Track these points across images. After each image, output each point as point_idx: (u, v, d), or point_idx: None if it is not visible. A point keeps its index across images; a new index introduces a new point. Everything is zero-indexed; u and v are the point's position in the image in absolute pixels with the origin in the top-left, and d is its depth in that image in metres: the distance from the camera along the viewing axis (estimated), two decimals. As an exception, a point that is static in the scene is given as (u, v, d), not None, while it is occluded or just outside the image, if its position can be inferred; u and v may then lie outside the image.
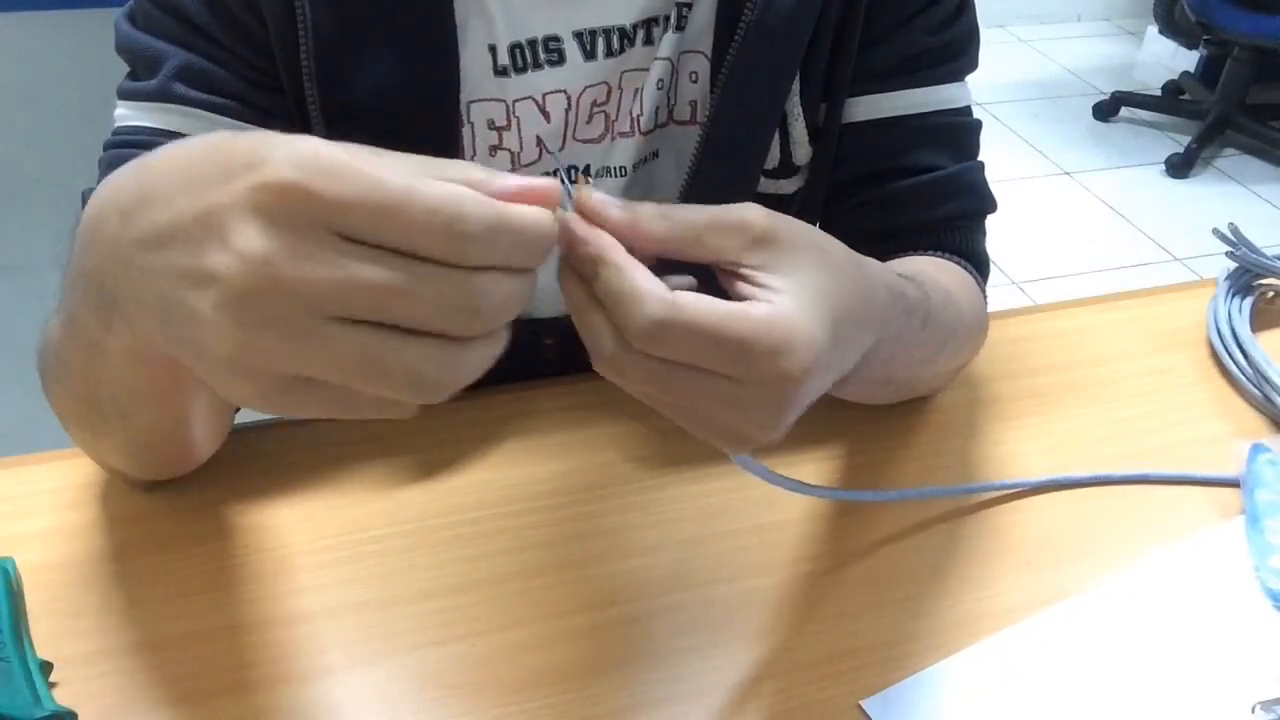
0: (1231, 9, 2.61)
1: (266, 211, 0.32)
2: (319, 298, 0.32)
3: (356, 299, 0.32)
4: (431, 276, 0.32)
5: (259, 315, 0.32)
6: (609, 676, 0.50)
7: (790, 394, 0.38)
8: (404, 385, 0.33)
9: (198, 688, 0.49)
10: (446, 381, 0.34)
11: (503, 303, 0.34)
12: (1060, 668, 0.51)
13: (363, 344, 0.32)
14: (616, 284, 0.36)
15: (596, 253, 0.37)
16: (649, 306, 0.36)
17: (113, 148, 0.57)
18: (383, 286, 0.32)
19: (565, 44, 0.60)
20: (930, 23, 0.64)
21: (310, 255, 0.32)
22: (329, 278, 0.32)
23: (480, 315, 0.33)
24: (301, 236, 0.32)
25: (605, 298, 0.37)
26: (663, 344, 0.36)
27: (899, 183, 0.65)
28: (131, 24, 0.58)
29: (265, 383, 0.34)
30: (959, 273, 0.65)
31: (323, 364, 0.33)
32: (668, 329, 0.36)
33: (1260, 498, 0.59)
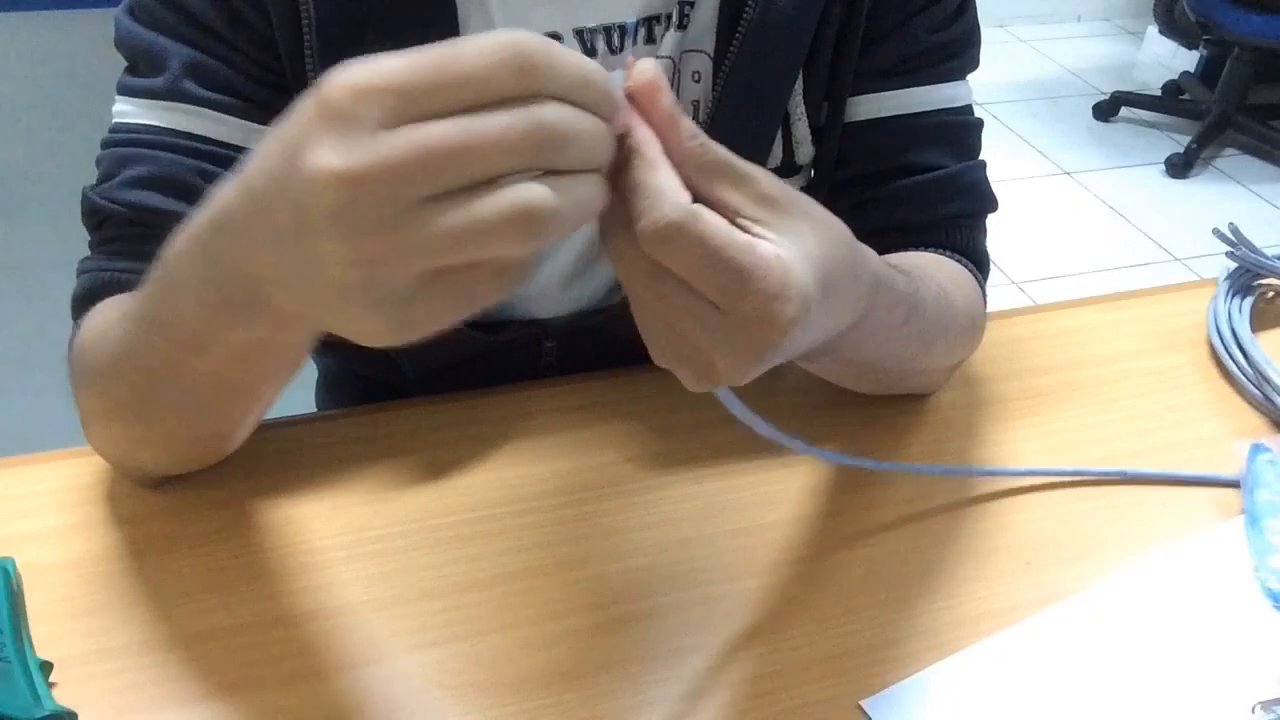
0: (1231, 9, 2.61)
1: (330, 121, 0.32)
2: (402, 180, 0.32)
3: (436, 166, 0.32)
4: (497, 116, 0.32)
5: (358, 222, 0.32)
6: (609, 676, 0.50)
7: (770, 341, 0.37)
8: (518, 225, 0.33)
9: (198, 687, 0.49)
10: (553, 209, 0.33)
11: (578, 133, 0.33)
12: (1060, 668, 0.51)
13: (463, 208, 0.32)
14: (643, 177, 0.36)
15: (633, 143, 0.36)
16: (666, 207, 0.35)
17: (114, 146, 0.57)
18: (452, 142, 0.32)
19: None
20: (932, 22, 0.64)
21: (382, 141, 0.32)
22: (403, 156, 0.32)
23: (556, 140, 0.33)
24: (368, 131, 0.32)
25: (628, 186, 0.36)
26: (668, 248, 0.36)
27: (900, 181, 0.65)
28: (132, 18, 0.58)
29: (387, 299, 0.34)
30: (955, 269, 0.65)
31: (435, 244, 0.33)
32: (678, 234, 0.35)
33: (1260, 498, 0.59)
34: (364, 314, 0.34)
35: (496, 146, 0.32)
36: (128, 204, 0.56)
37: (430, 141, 0.32)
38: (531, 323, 0.71)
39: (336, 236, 0.33)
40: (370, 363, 0.77)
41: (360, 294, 0.34)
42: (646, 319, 0.39)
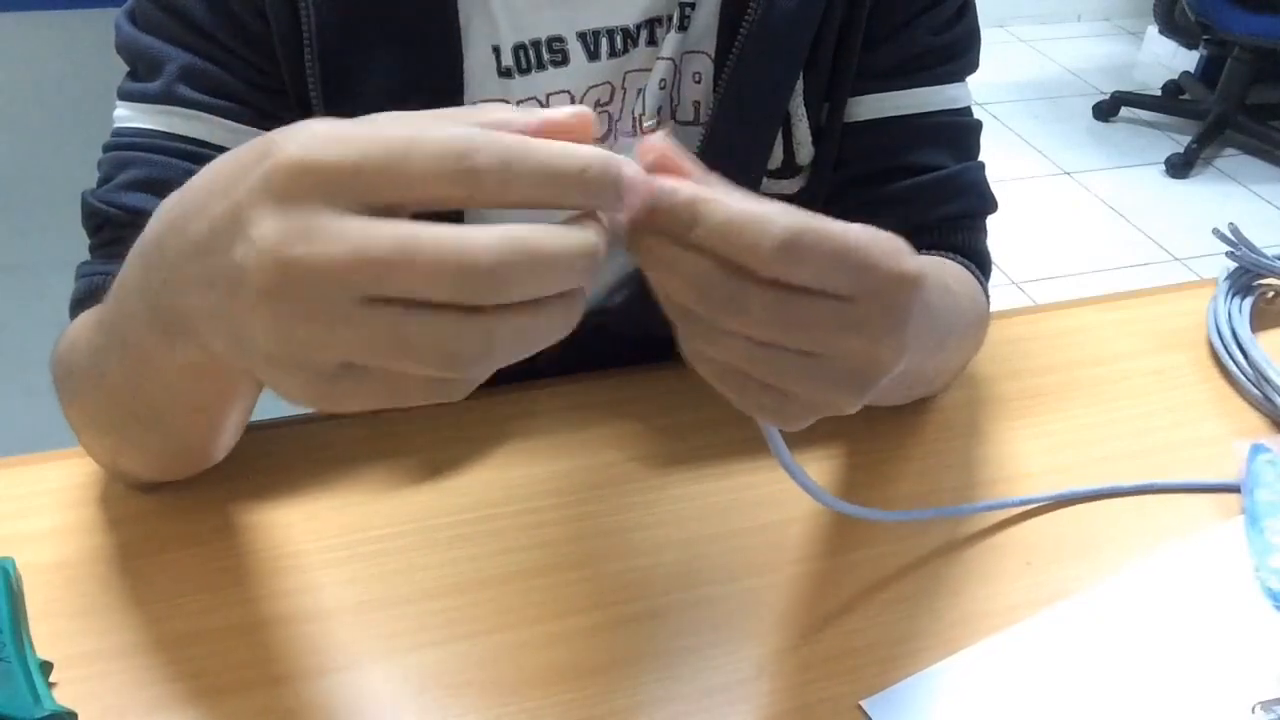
0: (1231, 9, 2.61)
1: (277, 195, 0.32)
2: (338, 275, 0.31)
3: (373, 270, 0.31)
4: (432, 233, 0.31)
5: (288, 304, 0.32)
6: (609, 676, 0.50)
7: (909, 299, 0.37)
8: (435, 361, 0.32)
9: (198, 687, 0.49)
10: (475, 355, 0.32)
11: (518, 263, 0.31)
12: (1060, 668, 0.51)
13: (391, 321, 0.31)
14: (731, 212, 0.34)
15: (690, 195, 0.34)
16: (779, 222, 0.34)
17: (114, 149, 0.57)
18: (391, 253, 0.31)
19: (569, 44, 0.60)
20: (933, 23, 0.64)
21: (324, 232, 0.31)
22: (342, 252, 0.31)
23: (491, 283, 0.31)
24: (314, 214, 0.31)
25: (718, 233, 0.34)
26: (798, 259, 0.34)
27: (900, 182, 0.65)
28: (132, 24, 0.58)
29: (312, 375, 0.33)
30: (958, 270, 0.65)
31: (357, 345, 0.32)
32: (802, 240, 0.34)
33: (1260, 498, 0.59)
34: (287, 382, 0.34)
35: (426, 275, 0.31)
36: (123, 207, 0.56)
37: (366, 249, 0.31)
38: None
39: (265, 315, 0.32)
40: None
41: (283, 364, 0.33)
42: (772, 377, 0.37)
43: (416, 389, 0.34)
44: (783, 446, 0.43)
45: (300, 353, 0.33)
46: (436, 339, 0.32)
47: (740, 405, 0.38)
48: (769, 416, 0.39)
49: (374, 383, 0.33)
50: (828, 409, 0.38)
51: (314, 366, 0.33)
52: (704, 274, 0.35)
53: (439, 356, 0.32)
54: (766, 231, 0.34)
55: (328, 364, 0.33)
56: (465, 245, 0.31)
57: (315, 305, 0.31)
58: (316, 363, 0.33)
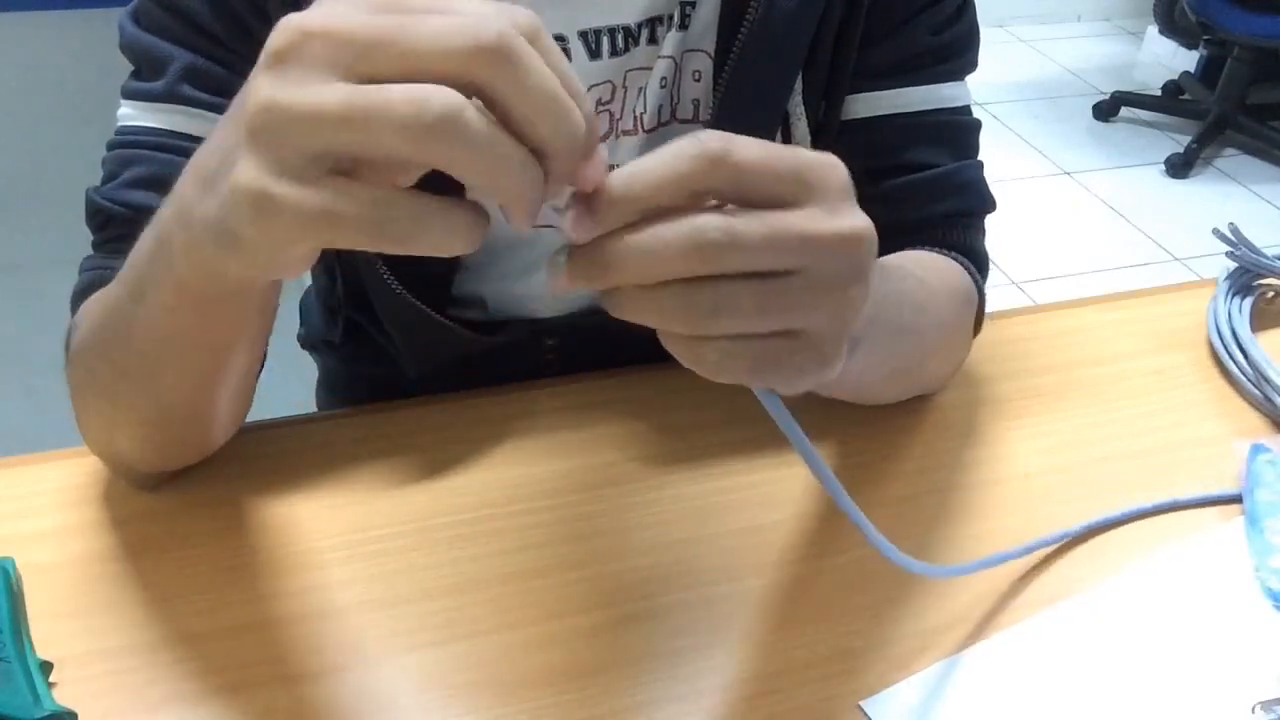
0: (1231, 9, 2.61)
1: (278, 57, 0.33)
2: (338, 41, 0.32)
3: (369, 43, 0.32)
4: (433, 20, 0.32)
5: (289, 63, 0.33)
6: (609, 676, 0.50)
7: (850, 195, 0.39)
8: (413, 121, 0.32)
9: (198, 687, 0.49)
10: (461, 123, 0.32)
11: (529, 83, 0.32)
12: (1060, 668, 0.51)
13: (372, 88, 0.32)
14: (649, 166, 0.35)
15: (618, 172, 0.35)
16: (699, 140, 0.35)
17: (118, 147, 0.58)
18: (391, 30, 0.32)
19: (570, 43, 0.60)
20: (932, 22, 0.64)
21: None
22: (347, 24, 0.32)
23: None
24: (307, 70, 0.32)
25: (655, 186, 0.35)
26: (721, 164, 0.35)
27: (896, 180, 0.65)
28: (136, 24, 0.58)
29: (274, 159, 0.33)
30: (934, 259, 0.64)
31: (334, 108, 0.32)
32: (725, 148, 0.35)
33: (1260, 498, 0.59)
34: (244, 167, 0.34)
35: (428, 41, 0.32)
36: (127, 204, 0.56)
37: (371, 21, 0.32)
38: (531, 322, 0.71)
39: (266, 73, 0.33)
40: (371, 362, 0.77)
41: (254, 139, 0.34)
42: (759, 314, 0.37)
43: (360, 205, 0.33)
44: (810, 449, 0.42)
45: (276, 125, 0.33)
46: (413, 95, 0.32)
47: (774, 374, 0.38)
48: (803, 371, 0.39)
49: (322, 187, 0.33)
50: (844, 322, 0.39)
51: (282, 150, 0.33)
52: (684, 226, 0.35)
53: (413, 117, 0.32)
54: (704, 149, 0.35)
55: (298, 149, 0.33)
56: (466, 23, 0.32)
57: (310, 67, 0.33)
58: (287, 144, 0.33)
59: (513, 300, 0.70)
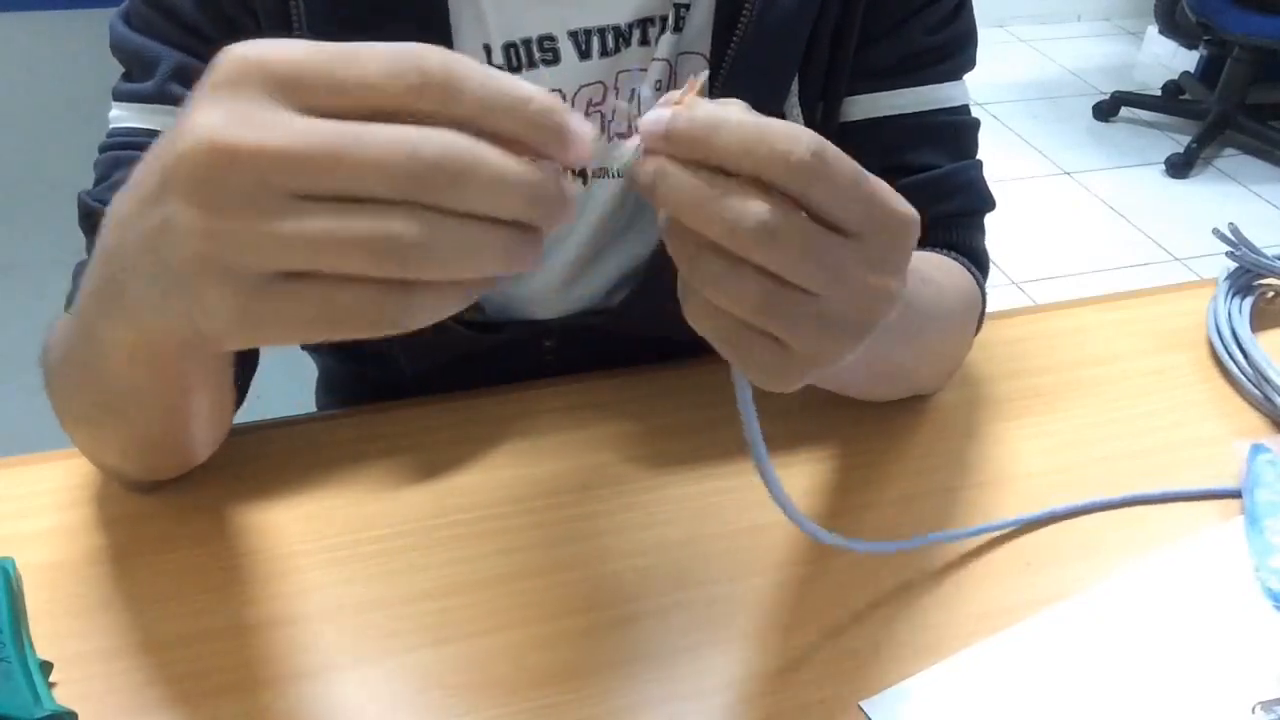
0: (1231, 9, 2.61)
1: (217, 90, 0.31)
2: (269, 168, 0.30)
3: (308, 166, 0.30)
4: (382, 129, 0.30)
5: (216, 193, 0.31)
6: (609, 676, 0.50)
7: (911, 238, 0.38)
8: (377, 253, 0.30)
9: (197, 688, 0.49)
10: (420, 247, 0.30)
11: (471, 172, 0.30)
12: (1060, 668, 0.51)
13: (329, 214, 0.30)
14: (762, 122, 0.34)
15: (712, 110, 0.35)
16: (808, 134, 0.34)
17: (109, 149, 0.58)
18: (329, 147, 0.30)
19: (560, 43, 0.60)
20: (928, 22, 0.64)
21: (261, 122, 0.30)
22: (278, 142, 0.30)
23: (438, 178, 0.30)
24: (254, 104, 0.30)
25: (750, 140, 0.34)
26: (822, 174, 0.34)
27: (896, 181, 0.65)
28: (126, 25, 0.58)
29: (240, 285, 0.32)
30: (941, 259, 0.65)
31: (288, 241, 0.30)
32: (828, 153, 0.34)
33: (1260, 498, 0.59)
34: (207, 294, 0.32)
35: (373, 165, 0.30)
36: None
37: (308, 138, 0.30)
38: (531, 323, 0.71)
39: (192, 202, 0.31)
40: (370, 362, 0.77)
41: (205, 269, 0.32)
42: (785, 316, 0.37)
43: (354, 304, 0.32)
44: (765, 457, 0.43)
45: (226, 251, 0.31)
46: (380, 226, 0.30)
47: (740, 362, 0.38)
48: (768, 374, 0.38)
49: (305, 297, 0.32)
50: (826, 358, 0.38)
51: (242, 272, 0.31)
52: (737, 198, 0.34)
53: (381, 247, 0.30)
54: (798, 139, 0.34)
55: (258, 270, 0.31)
56: (413, 137, 0.30)
57: (245, 195, 0.30)
58: (246, 267, 0.31)
59: (511, 301, 0.70)
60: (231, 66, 0.31)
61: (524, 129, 0.32)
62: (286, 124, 0.30)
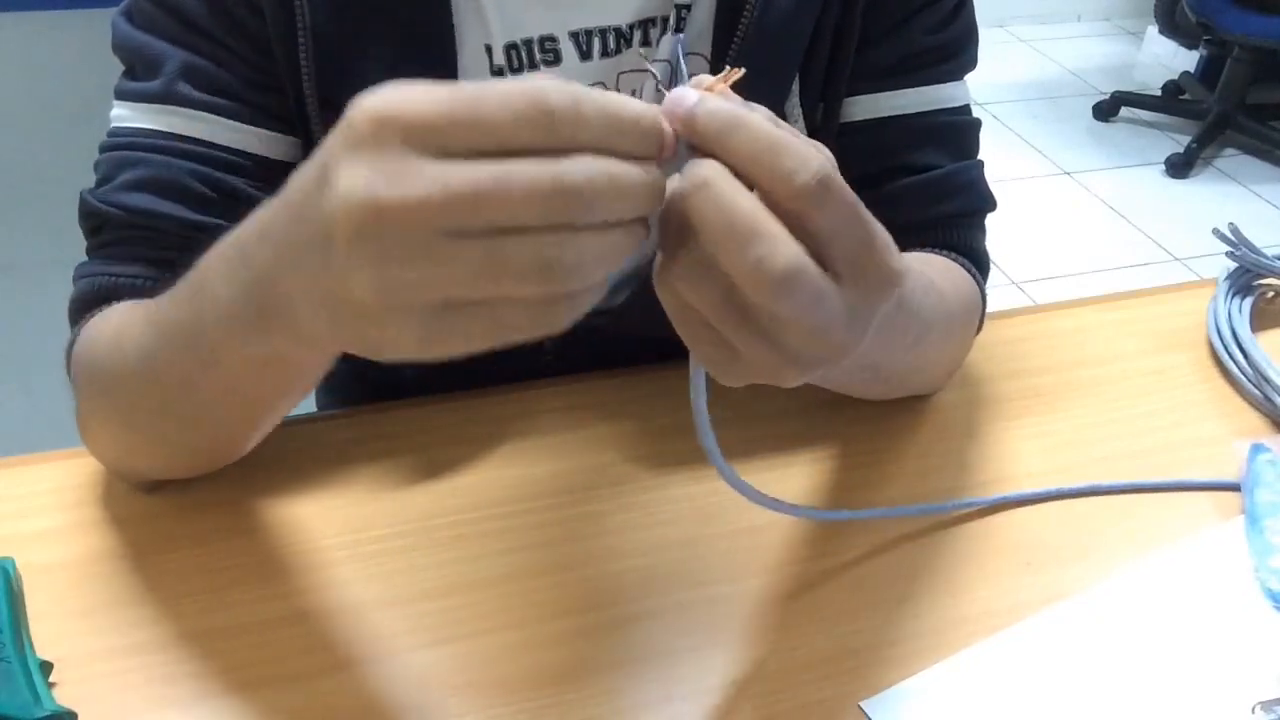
0: (1231, 9, 2.61)
1: (360, 146, 0.33)
2: (425, 214, 0.32)
3: (459, 209, 0.32)
4: (523, 168, 0.33)
5: (379, 247, 0.33)
6: (609, 676, 0.50)
7: (884, 298, 0.39)
8: (534, 276, 0.33)
9: (197, 687, 0.49)
10: (570, 265, 0.33)
11: (606, 190, 0.33)
12: (1060, 668, 0.51)
13: (485, 247, 0.33)
14: (777, 133, 0.36)
15: (736, 109, 0.36)
16: (819, 157, 0.35)
17: (112, 149, 0.57)
18: (478, 188, 0.32)
19: (561, 44, 0.60)
20: (928, 22, 0.64)
21: (410, 172, 0.32)
22: (427, 191, 0.32)
23: (581, 201, 0.33)
24: (397, 160, 0.33)
25: (760, 147, 0.35)
26: (824, 201, 0.35)
27: (896, 182, 0.65)
28: (129, 23, 0.58)
29: (415, 319, 0.34)
30: (945, 263, 0.65)
31: (457, 276, 0.33)
32: (834, 182, 0.36)
33: (1260, 498, 0.59)
34: (388, 330, 0.35)
35: (521, 200, 0.32)
36: (124, 207, 0.56)
37: (453, 184, 0.32)
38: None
39: (357, 261, 0.33)
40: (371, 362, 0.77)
41: (381, 315, 0.34)
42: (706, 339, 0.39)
43: (518, 317, 0.35)
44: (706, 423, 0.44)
45: (399, 295, 0.34)
46: (533, 253, 0.33)
47: (689, 347, 0.40)
48: (711, 367, 0.40)
49: (476, 317, 0.35)
50: (769, 378, 0.39)
51: (415, 310, 0.34)
52: (738, 200, 0.35)
53: (537, 270, 0.33)
54: (807, 162, 0.35)
55: (429, 304, 0.34)
56: (557, 168, 0.33)
57: (410, 243, 0.33)
58: (417, 304, 0.34)
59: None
60: (366, 121, 0.33)
61: (638, 146, 0.35)
62: (433, 174, 0.32)
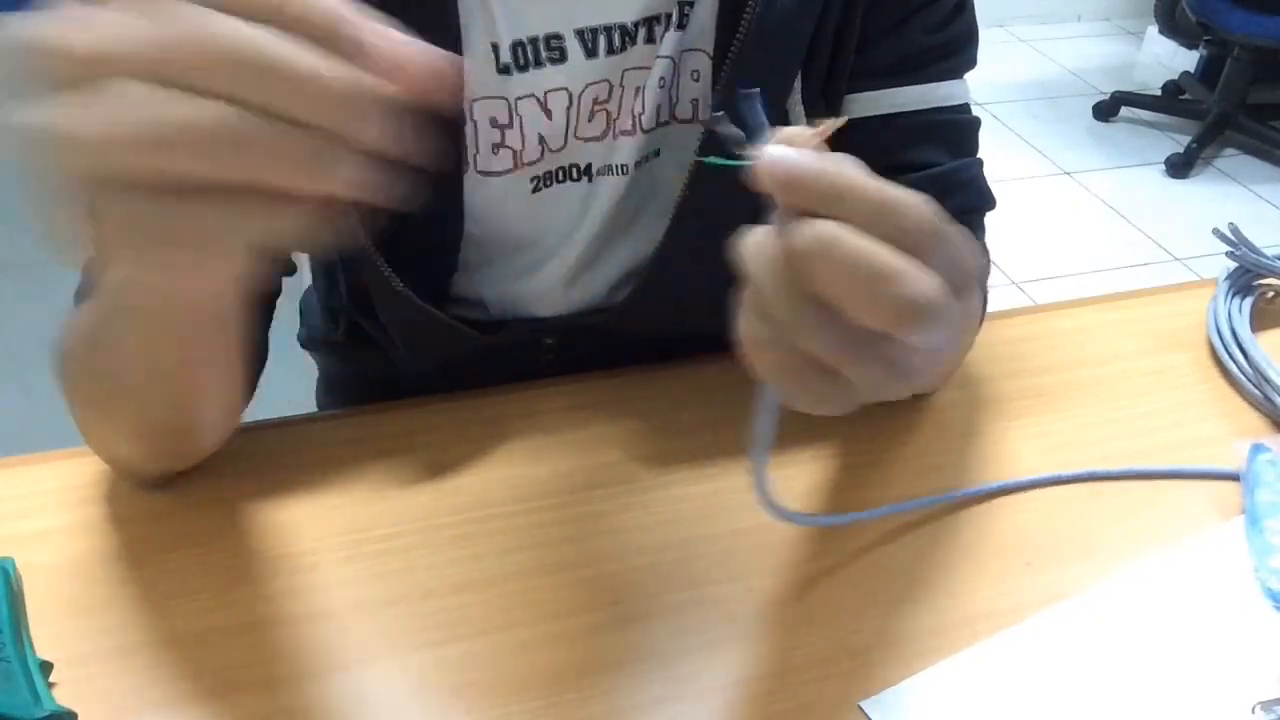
0: (1231, 9, 2.61)
1: None
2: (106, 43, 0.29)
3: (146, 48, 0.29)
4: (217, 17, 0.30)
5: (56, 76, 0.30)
6: (609, 676, 0.50)
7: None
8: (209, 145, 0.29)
9: (198, 688, 0.49)
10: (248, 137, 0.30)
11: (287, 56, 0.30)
12: (1060, 668, 0.51)
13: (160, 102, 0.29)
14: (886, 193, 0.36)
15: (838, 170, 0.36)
16: (926, 207, 0.36)
17: None
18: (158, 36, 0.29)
19: (567, 41, 0.60)
20: (929, 21, 0.64)
21: (107, 21, 0.29)
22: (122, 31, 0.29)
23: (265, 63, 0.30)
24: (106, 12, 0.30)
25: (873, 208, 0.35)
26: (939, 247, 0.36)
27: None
28: None
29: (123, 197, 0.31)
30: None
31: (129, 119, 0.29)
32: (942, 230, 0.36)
33: (1260, 498, 0.59)
34: (108, 211, 0.31)
35: (196, 55, 0.29)
36: None
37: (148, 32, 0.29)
38: (532, 322, 0.71)
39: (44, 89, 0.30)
40: (370, 362, 0.77)
41: (84, 184, 0.31)
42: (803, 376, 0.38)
43: (222, 217, 0.31)
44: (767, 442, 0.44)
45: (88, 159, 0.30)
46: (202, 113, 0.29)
47: (796, 397, 0.39)
48: (822, 404, 0.39)
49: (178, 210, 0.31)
50: (880, 396, 0.38)
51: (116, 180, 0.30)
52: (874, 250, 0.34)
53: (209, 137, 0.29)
54: (920, 217, 0.35)
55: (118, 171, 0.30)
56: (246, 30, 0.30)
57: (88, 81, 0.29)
58: (108, 169, 0.30)
59: (512, 300, 0.70)
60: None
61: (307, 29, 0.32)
62: (129, 21, 0.30)
